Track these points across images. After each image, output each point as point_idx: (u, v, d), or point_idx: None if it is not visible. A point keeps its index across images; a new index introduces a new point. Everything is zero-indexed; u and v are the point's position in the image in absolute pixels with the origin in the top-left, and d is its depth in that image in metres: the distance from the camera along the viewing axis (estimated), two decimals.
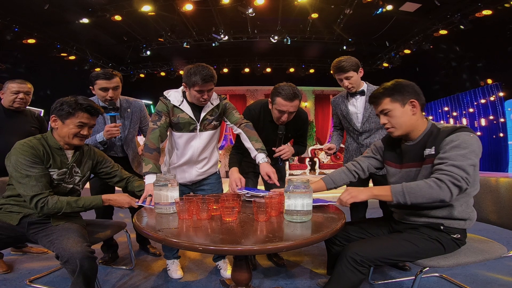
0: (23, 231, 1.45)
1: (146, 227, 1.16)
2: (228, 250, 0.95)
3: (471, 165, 1.18)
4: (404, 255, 1.25)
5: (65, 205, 1.43)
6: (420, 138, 1.35)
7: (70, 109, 1.45)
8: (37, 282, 1.88)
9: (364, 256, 1.21)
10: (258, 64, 10.16)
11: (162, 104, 1.79)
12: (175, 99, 1.79)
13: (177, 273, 2.01)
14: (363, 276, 1.22)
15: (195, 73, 1.65)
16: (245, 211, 1.39)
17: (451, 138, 1.22)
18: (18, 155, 1.38)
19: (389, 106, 1.34)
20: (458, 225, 1.30)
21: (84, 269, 1.25)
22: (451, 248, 1.30)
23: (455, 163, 1.17)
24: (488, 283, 1.86)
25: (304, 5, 6.52)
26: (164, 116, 1.76)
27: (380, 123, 1.41)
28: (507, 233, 1.62)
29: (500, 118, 8.56)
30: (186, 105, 1.79)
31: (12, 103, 2.17)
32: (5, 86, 2.19)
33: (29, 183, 1.37)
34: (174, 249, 2.04)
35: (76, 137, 1.50)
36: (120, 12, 6.55)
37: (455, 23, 6.51)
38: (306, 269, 2.13)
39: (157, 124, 1.73)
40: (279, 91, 1.74)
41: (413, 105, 1.33)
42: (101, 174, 1.75)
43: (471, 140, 1.21)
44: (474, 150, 1.20)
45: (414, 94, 1.34)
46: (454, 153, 1.19)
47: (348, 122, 2.11)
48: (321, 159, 9.35)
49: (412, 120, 1.33)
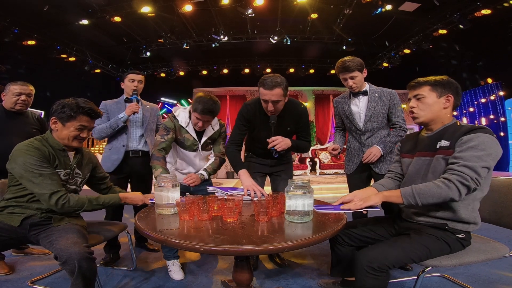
0: (25, 232, 1.45)
1: (147, 228, 1.16)
2: (229, 250, 0.95)
3: (485, 167, 1.18)
4: (417, 257, 1.25)
5: (86, 202, 1.47)
6: (438, 130, 1.37)
7: (72, 112, 1.46)
8: (38, 284, 1.88)
9: (381, 261, 1.20)
10: (258, 65, 10.17)
11: (171, 122, 2.01)
12: (182, 120, 2.01)
13: (179, 274, 2.00)
14: (386, 278, 1.22)
15: (199, 102, 1.87)
16: (246, 212, 1.39)
17: (470, 137, 1.22)
18: (26, 156, 1.38)
19: (426, 93, 1.37)
20: (462, 228, 1.29)
21: (82, 270, 1.24)
22: (456, 248, 1.30)
23: (468, 163, 1.17)
24: (490, 282, 1.85)
25: (304, 5, 6.52)
26: (172, 133, 1.99)
27: (409, 105, 1.44)
28: (508, 232, 1.61)
29: (500, 117, 8.56)
30: (191, 127, 2.03)
31: (14, 105, 2.19)
32: (7, 88, 2.20)
33: (44, 181, 1.38)
34: (174, 249, 2.05)
35: (76, 140, 1.52)
36: (119, 13, 6.56)
37: (454, 22, 6.51)
38: (308, 269, 2.13)
39: (165, 138, 1.96)
40: (260, 81, 1.78)
41: (448, 99, 1.35)
42: (94, 178, 1.78)
43: (490, 142, 1.20)
44: (491, 153, 1.19)
45: (455, 93, 1.36)
46: (469, 153, 1.19)
47: (351, 122, 2.13)
48: (321, 159, 9.35)
49: (441, 113, 1.36)
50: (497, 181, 1.52)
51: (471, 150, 1.19)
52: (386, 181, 1.59)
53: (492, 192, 1.53)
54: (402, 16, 6.80)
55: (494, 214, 1.52)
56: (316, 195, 1.43)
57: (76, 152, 1.61)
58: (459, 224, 1.29)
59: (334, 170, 9.06)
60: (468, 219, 1.28)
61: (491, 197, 1.53)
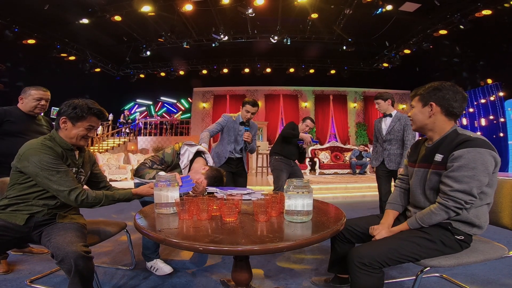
0: (28, 231, 1.46)
1: (146, 227, 1.16)
2: (228, 250, 0.96)
3: (478, 186, 1.22)
4: (407, 255, 1.26)
5: (104, 198, 1.51)
6: (436, 141, 1.39)
7: (83, 113, 1.51)
8: (37, 282, 1.87)
9: (371, 257, 1.21)
10: (258, 64, 10.17)
11: (171, 157, 1.98)
12: (184, 161, 1.98)
13: (167, 267, 2.03)
14: (380, 275, 1.23)
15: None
16: (246, 211, 1.39)
17: (460, 154, 1.23)
18: (41, 154, 1.40)
19: (414, 103, 1.45)
20: (464, 229, 1.30)
21: (79, 268, 1.24)
22: (453, 249, 1.30)
23: (460, 187, 1.22)
24: (488, 283, 1.85)
25: (304, 5, 6.52)
26: (164, 167, 1.97)
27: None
28: (507, 233, 1.62)
29: (500, 118, 8.56)
30: (186, 170, 2.00)
31: (33, 109, 2.30)
32: (27, 92, 2.29)
33: (62, 178, 1.41)
34: (156, 248, 2.08)
35: (83, 139, 1.57)
36: (120, 12, 6.56)
37: (455, 23, 6.51)
38: (307, 269, 2.13)
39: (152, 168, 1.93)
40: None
41: (431, 108, 1.36)
42: (93, 176, 1.79)
43: (480, 159, 1.20)
44: (482, 170, 1.20)
45: (440, 99, 1.35)
46: (460, 174, 1.22)
47: (379, 133, 3.11)
48: (321, 159, 9.35)
49: (428, 121, 1.39)
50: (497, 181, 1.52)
51: (462, 170, 1.22)
52: (397, 195, 1.61)
53: None
54: (403, 16, 6.80)
55: (493, 214, 1.53)
56: (316, 195, 1.43)
57: (80, 151, 1.65)
58: (462, 225, 1.29)
59: (334, 170, 9.06)
60: (474, 221, 1.29)
61: None
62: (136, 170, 1.92)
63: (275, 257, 2.34)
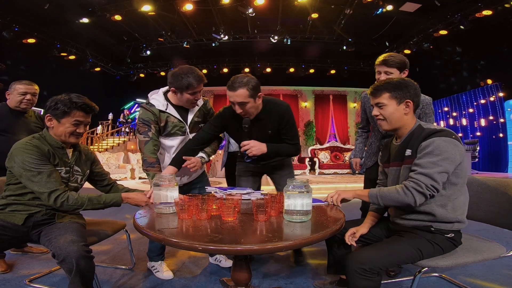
0: (27, 230, 1.45)
1: (145, 227, 1.16)
2: (227, 250, 0.95)
3: (441, 172, 1.21)
4: (408, 259, 1.26)
5: (86, 201, 1.45)
6: (404, 138, 1.39)
7: (66, 108, 1.44)
8: (36, 282, 1.87)
9: (371, 263, 1.21)
10: (258, 64, 10.17)
11: (147, 112, 1.75)
12: (159, 104, 1.76)
13: (167, 273, 1.97)
14: (379, 277, 1.23)
15: (187, 75, 1.67)
16: (245, 211, 1.39)
17: (427, 143, 1.25)
18: (24, 155, 1.37)
19: (386, 101, 1.37)
20: (446, 227, 1.30)
21: (80, 268, 1.24)
22: (448, 248, 1.31)
23: (423, 171, 1.22)
24: (487, 283, 1.86)
25: (304, 5, 6.52)
26: (153, 125, 1.74)
27: (373, 113, 1.44)
28: (506, 233, 1.62)
29: (500, 118, 8.56)
30: (172, 108, 1.79)
31: (19, 104, 2.20)
32: (12, 87, 2.21)
33: (42, 180, 1.37)
34: (161, 252, 2.03)
35: (73, 136, 1.50)
36: (120, 12, 6.56)
37: (455, 23, 6.51)
38: (306, 269, 2.14)
39: (148, 135, 1.73)
40: (227, 83, 1.66)
41: (408, 105, 1.36)
42: (94, 174, 1.75)
43: (445, 146, 1.22)
44: (447, 157, 1.21)
45: (413, 96, 1.36)
46: (425, 160, 1.23)
47: (375, 123, 2.03)
48: (321, 159, 9.35)
49: (403, 119, 1.37)
50: (493, 181, 1.53)
51: (427, 157, 1.23)
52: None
53: (489, 192, 1.54)
54: (403, 17, 6.80)
55: (491, 214, 1.53)
56: (315, 195, 1.44)
57: (74, 149, 1.60)
58: (442, 224, 1.30)
59: (333, 170, 9.06)
60: (449, 218, 1.28)
61: (488, 197, 1.54)
62: (144, 160, 1.75)
63: (274, 257, 2.34)
